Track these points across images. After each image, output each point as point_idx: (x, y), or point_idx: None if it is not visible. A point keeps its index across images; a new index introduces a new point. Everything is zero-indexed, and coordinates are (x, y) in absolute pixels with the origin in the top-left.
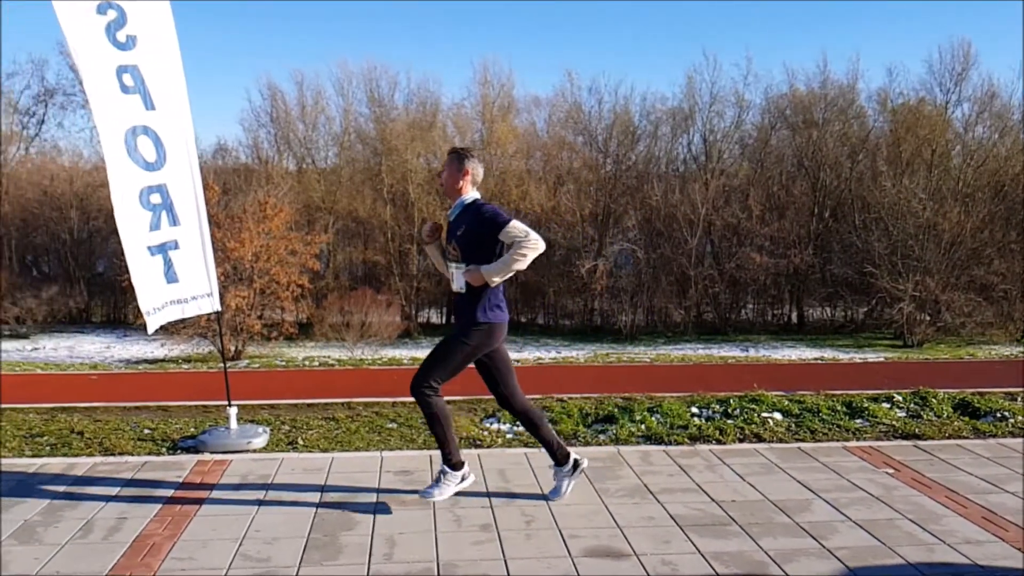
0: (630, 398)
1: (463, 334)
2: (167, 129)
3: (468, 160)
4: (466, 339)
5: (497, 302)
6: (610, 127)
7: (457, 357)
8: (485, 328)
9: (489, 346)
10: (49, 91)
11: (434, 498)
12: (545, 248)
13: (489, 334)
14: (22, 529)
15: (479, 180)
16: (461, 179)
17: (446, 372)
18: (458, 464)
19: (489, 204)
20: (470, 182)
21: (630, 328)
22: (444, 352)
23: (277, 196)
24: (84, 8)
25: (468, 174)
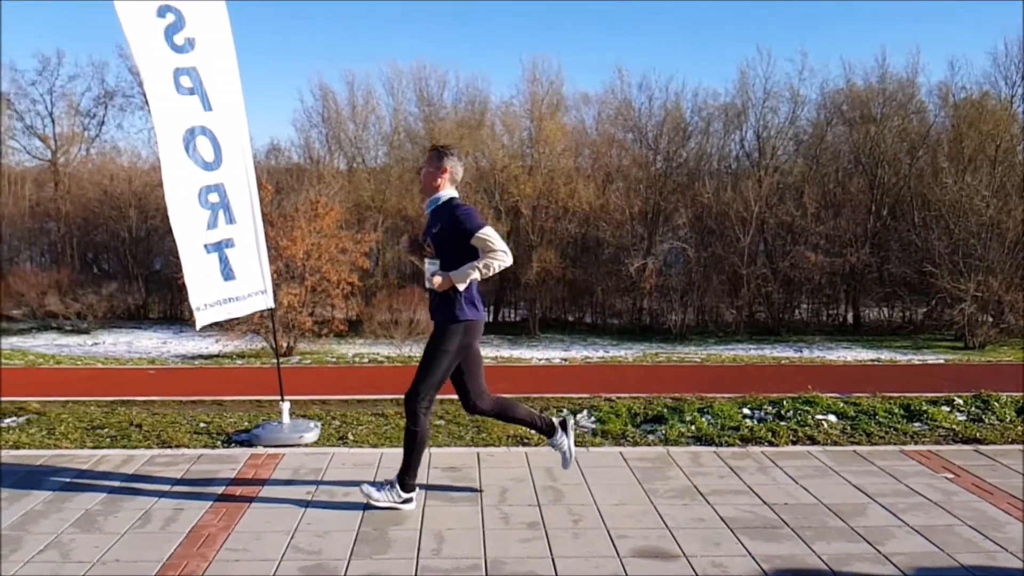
0: (680, 398)
1: (440, 339)
2: (224, 129)
3: (447, 158)
4: (444, 345)
5: (472, 300)
6: (661, 124)
7: (442, 365)
8: (461, 327)
9: (468, 345)
10: (109, 93)
11: (372, 498)
12: (511, 263)
13: (466, 333)
14: (83, 518)
15: (458, 178)
16: (439, 176)
17: (435, 383)
18: (410, 488)
19: (466, 205)
20: (448, 180)
21: (680, 328)
22: (428, 364)
23: (328, 195)
24: (144, 11)
25: (446, 172)
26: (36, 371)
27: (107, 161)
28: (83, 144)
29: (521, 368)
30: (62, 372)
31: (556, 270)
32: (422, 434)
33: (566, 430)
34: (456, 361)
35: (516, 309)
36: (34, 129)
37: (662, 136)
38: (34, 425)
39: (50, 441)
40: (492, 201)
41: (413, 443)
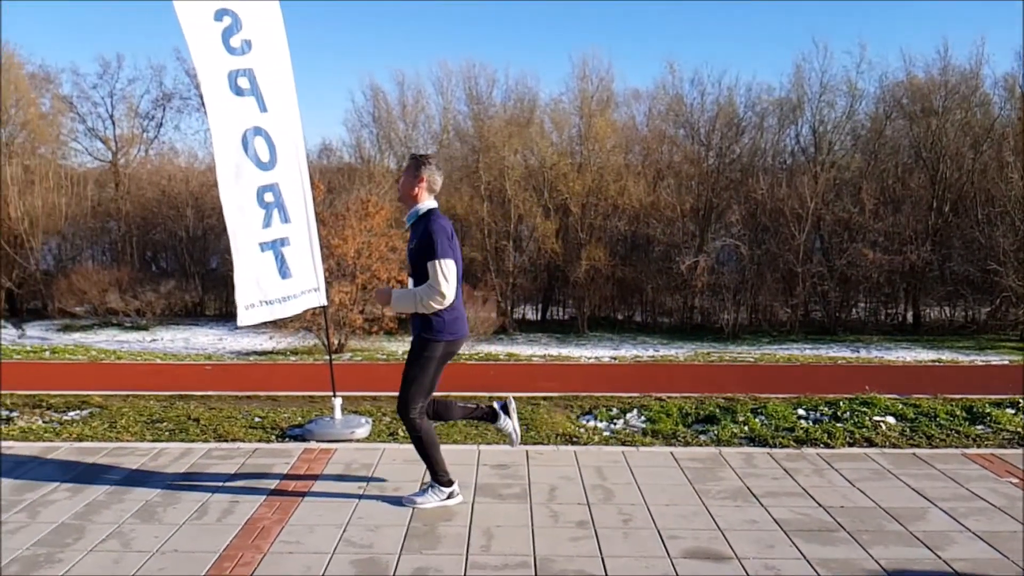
0: (732, 398)
1: (423, 349)
2: (279, 130)
3: (425, 167)
4: (427, 352)
5: (456, 317)
6: (713, 119)
7: (428, 372)
8: (443, 344)
9: (451, 355)
10: (167, 95)
11: (417, 505)
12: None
13: (447, 348)
14: (143, 509)
15: (436, 187)
16: (417, 185)
17: (423, 391)
18: (448, 482)
19: (440, 222)
20: (426, 189)
21: (732, 327)
22: (414, 375)
23: (378, 194)
24: (203, 13)
25: (423, 181)
26: (98, 366)
27: (165, 162)
28: (142, 145)
29: (570, 367)
30: (123, 367)
31: (605, 268)
32: (427, 436)
33: (509, 412)
34: (440, 371)
35: (564, 307)
36: (95, 131)
37: (714, 132)
38: (97, 418)
39: (112, 434)
40: (541, 199)
41: (425, 448)
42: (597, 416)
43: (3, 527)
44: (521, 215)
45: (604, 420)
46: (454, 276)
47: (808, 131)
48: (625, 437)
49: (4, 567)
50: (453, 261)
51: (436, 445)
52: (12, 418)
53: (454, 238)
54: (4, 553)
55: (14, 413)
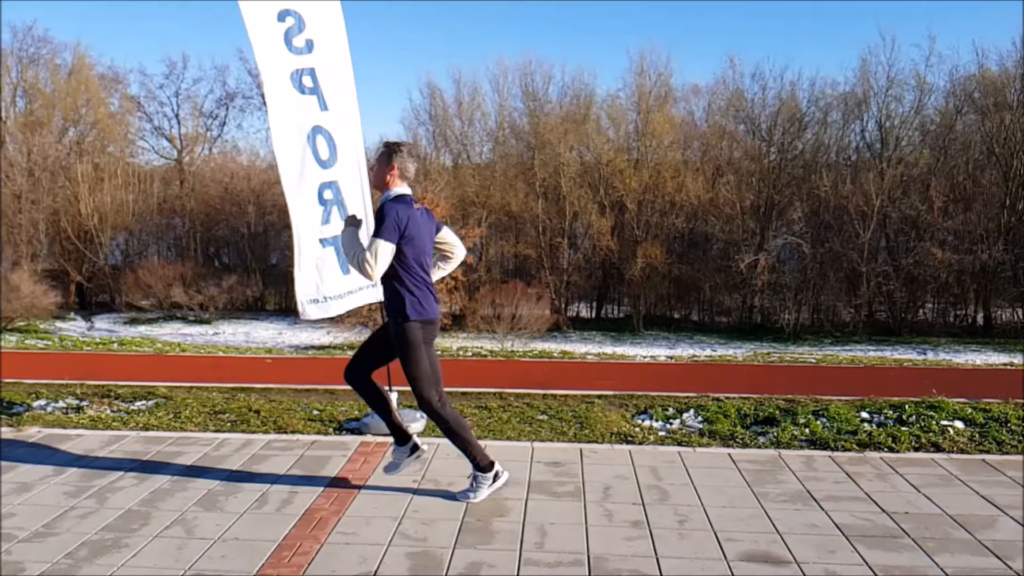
0: (793, 400)
1: (399, 340)
2: (339, 129)
3: (396, 155)
4: (407, 345)
5: (418, 300)
6: (775, 114)
7: (419, 357)
8: (415, 325)
9: (430, 336)
10: (230, 95)
11: (471, 500)
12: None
13: (421, 328)
14: (206, 497)
15: (409, 175)
16: (388, 173)
17: (427, 380)
18: (487, 466)
19: (397, 207)
20: (397, 176)
21: (793, 327)
22: (408, 368)
23: (434, 191)
24: (266, 14)
25: (395, 169)
26: (163, 358)
27: (228, 160)
28: (206, 144)
29: (625, 365)
30: (186, 360)
31: (662, 266)
32: (455, 422)
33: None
34: (430, 354)
35: (619, 306)
36: (161, 130)
37: (776, 127)
38: (162, 409)
39: (176, 424)
40: (596, 196)
41: (456, 435)
42: (653, 415)
43: (73, 511)
44: (576, 212)
45: (660, 419)
46: (385, 260)
47: (874, 126)
48: (681, 437)
49: (75, 550)
50: (392, 246)
51: (466, 428)
52: (83, 407)
53: (413, 225)
54: (75, 537)
55: (84, 402)
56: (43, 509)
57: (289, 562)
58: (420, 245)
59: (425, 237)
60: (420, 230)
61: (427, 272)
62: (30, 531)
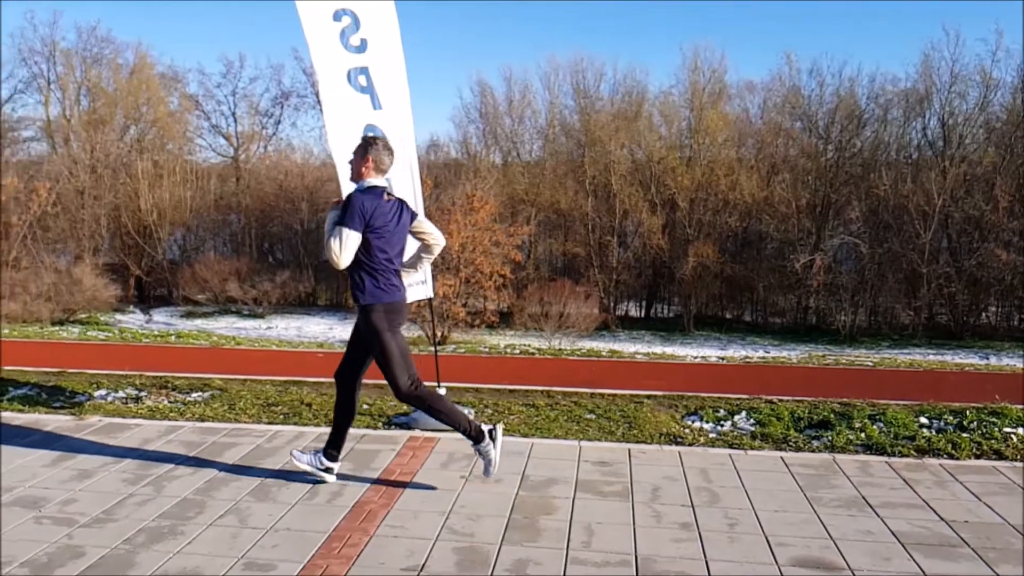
0: (848, 403)
1: (367, 327)
2: (391, 127)
3: (372, 148)
4: (373, 330)
5: (379, 285)
6: (832, 111)
7: (389, 345)
8: (378, 308)
9: (396, 320)
10: (285, 94)
11: (492, 472)
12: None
13: (384, 312)
14: (259, 487)
15: (384, 168)
16: (364, 165)
17: (400, 367)
18: (480, 435)
19: (368, 195)
20: (373, 169)
21: (850, 329)
22: (379, 356)
23: (483, 189)
24: (323, 13)
25: (370, 161)
26: (218, 351)
27: (282, 157)
28: (261, 142)
29: (675, 365)
30: (241, 353)
31: (714, 265)
32: (432, 399)
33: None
34: (401, 340)
35: (669, 305)
36: (219, 128)
37: (834, 124)
38: (217, 400)
39: (231, 415)
40: (647, 194)
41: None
42: (703, 417)
43: (132, 499)
44: (626, 210)
45: (711, 421)
46: (351, 247)
47: (936, 123)
48: (732, 439)
49: (133, 536)
50: (357, 234)
51: (443, 400)
52: (141, 397)
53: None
54: (133, 523)
55: (143, 393)
56: (103, 496)
57: (339, 553)
58: (386, 235)
59: (392, 227)
60: (386, 220)
61: (393, 261)
62: (91, 516)
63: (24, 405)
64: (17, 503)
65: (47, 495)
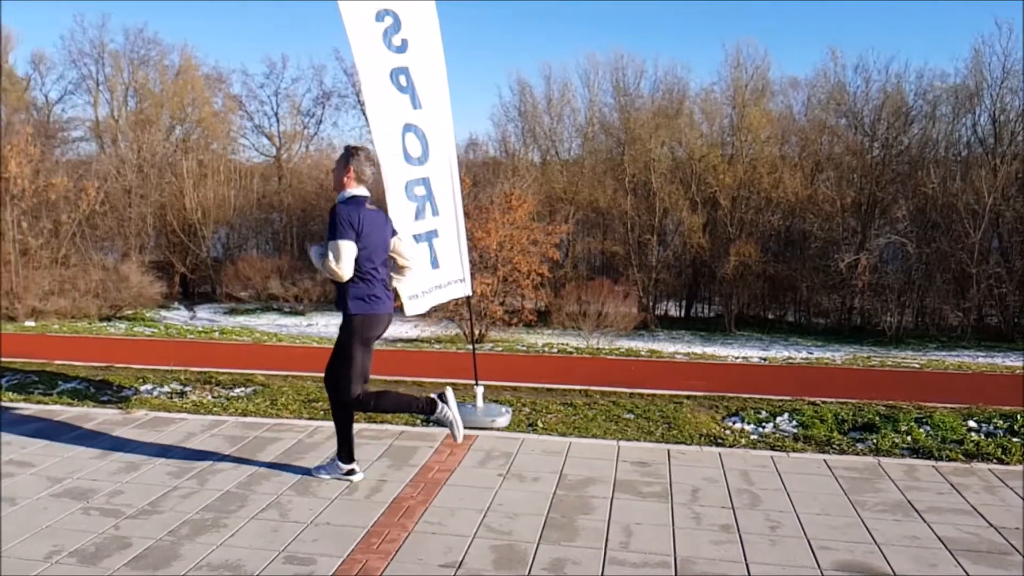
0: (894, 406)
1: (342, 330)
2: (431, 126)
3: (353, 159)
4: (346, 334)
5: (362, 295)
6: (879, 108)
7: (354, 352)
8: (358, 319)
9: (372, 333)
10: (326, 94)
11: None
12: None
13: (364, 324)
14: (300, 483)
15: (364, 178)
16: (345, 175)
17: (356, 379)
18: (432, 404)
19: (351, 206)
20: (354, 179)
21: (895, 330)
22: (338, 356)
23: (522, 188)
24: (365, 13)
25: (351, 171)
26: (261, 347)
27: (323, 157)
28: (303, 141)
29: (716, 366)
30: (282, 349)
31: (756, 264)
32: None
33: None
34: (367, 352)
35: (710, 305)
36: (262, 128)
37: (880, 121)
38: (259, 396)
39: (273, 411)
40: (688, 192)
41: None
42: (744, 418)
43: (176, 491)
44: (666, 208)
45: (752, 422)
46: (349, 257)
47: (987, 120)
48: (774, 441)
49: (178, 528)
50: (351, 243)
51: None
52: (186, 392)
53: (369, 225)
54: (178, 515)
55: (187, 388)
56: (148, 488)
57: (377, 548)
58: (371, 243)
59: (377, 236)
60: (372, 228)
61: (379, 268)
62: (137, 508)
63: (73, 399)
64: (66, 494)
65: (95, 487)
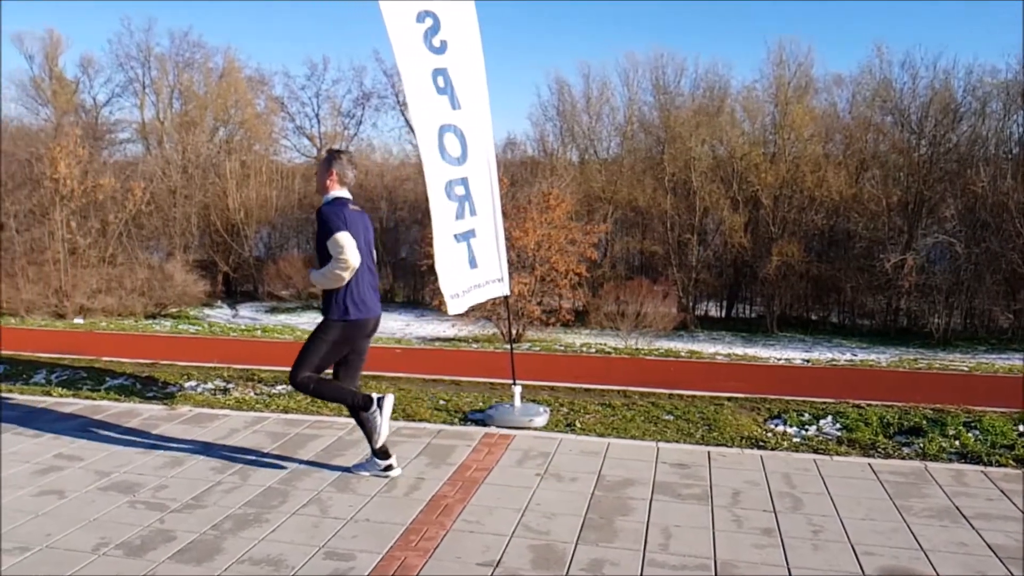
0: (942, 409)
1: (321, 328)
2: (470, 127)
3: (335, 162)
4: (323, 333)
5: (351, 301)
6: (926, 105)
7: (320, 350)
8: (339, 325)
9: (350, 341)
10: (366, 95)
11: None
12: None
13: (344, 329)
14: (340, 479)
15: (347, 180)
16: (328, 178)
17: (313, 365)
18: (368, 402)
19: (335, 206)
20: (337, 181)
21: (943, 332)
22: (308, 346)
23: (560, 187)
24: (406, 15)
25: (334, 174)
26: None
27: (362, 157)
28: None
29: (757, 367)
30: None
31: (799, 264)
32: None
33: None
34: (338, 352)
35: (752, 305)
36: (303, 129)
37: (928, 118)
38: (301, 393)
39: (313, 408)
40: (729, 191)
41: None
42: (787, 420)
43: (219, 486)
44: (707, 207)
45: (794, 425)
46: (352, 246)
47: None
48: (817, 444)
49: (221, 522)
50: (348, 233)
51: (330, 382)
52: (229, 389)
53: (354, 224)
54: (221, 510)
55: (230, 384)
56: (192, 482)
57: (416, 546)
58: (366, 246)
59: (361, 235)
60: (357, 228)
61: (371, 269)
62: (181, 503)
63: (120, 394)
64: (113, 488)
65: (141, 481)
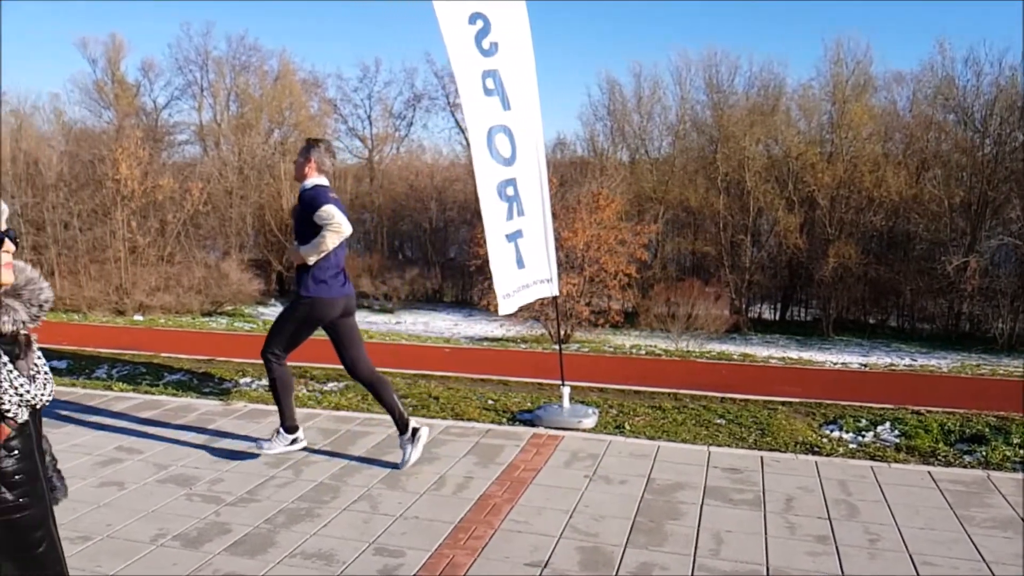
0: (1006, 417)
1: (291, 306)
2: (520, 128)
3: (313, 150)
4: (293, 311)
5: (322, 278)
6: (991, 103)
7: (289, 327)
8: (308, 302)
9: (320, 319)
10: (417, 96)
11: (264, 450)
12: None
13: (313, 307)
14: (389, 476)
15: (325, 168)
16: (306, 166)
17: (283, 342)
18: (291, 428)
19: (318, 188)
20: (315, 169)
21: (1008, 337)
22: (278, 323)
23: (610, 187)
24: (459, 15)
25: (311, 162)
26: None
27: (413, 158)
28: (394, 143)
29: (812, 371)
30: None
31: (856, 267)
32: (281, 381)
33: (414, 438)
34: (306, 331)
35: (807, 308)
36: (355, 131)
37: (992, 117)
38: (351, 391)
39: (364, 405)
40: (784, 191)
41: (277, 392)
42: (843, 426)
43: (273, 481)
44: (761, 208)
45: (851, 431)
46: (340, 214)
47: None
48: (875, 451)
49: (274, 516)
50: (334, 205)
51: (289, 391)
52: None
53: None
54: (274, 504)
55: None
56: (247, 477)
57: (464, 544)
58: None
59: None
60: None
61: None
62: (236, 496)
63: (177, 390)
64: (171, 480)
65: (197, 474)
